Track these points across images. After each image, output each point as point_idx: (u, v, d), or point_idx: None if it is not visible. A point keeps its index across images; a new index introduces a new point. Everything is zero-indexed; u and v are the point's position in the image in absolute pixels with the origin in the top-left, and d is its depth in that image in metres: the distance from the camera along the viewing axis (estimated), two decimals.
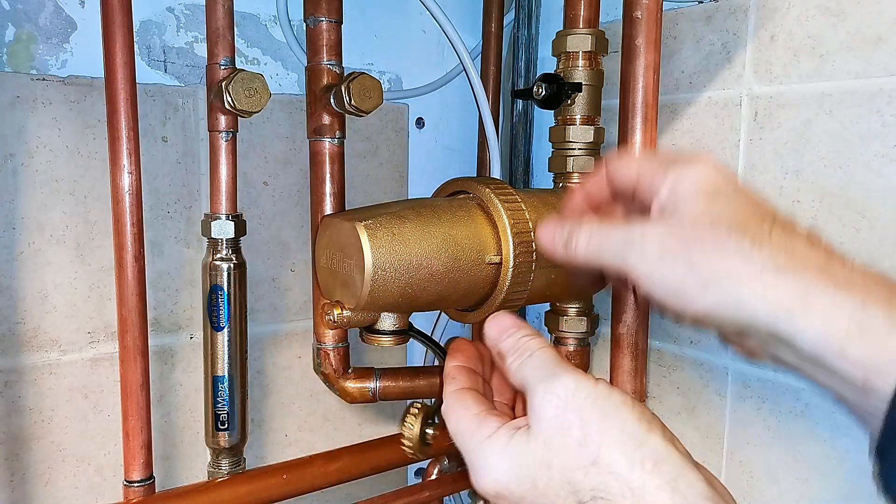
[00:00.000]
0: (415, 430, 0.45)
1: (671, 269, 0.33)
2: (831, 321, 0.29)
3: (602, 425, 0.32)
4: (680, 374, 0.58)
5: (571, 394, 0.33)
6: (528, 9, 0.65)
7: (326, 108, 0.52)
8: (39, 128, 0.49)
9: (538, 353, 0.36)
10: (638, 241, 0.34)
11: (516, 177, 0.68)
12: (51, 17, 0.50)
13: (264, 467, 0.54)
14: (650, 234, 0.34)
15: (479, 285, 0.47)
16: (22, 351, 0.50)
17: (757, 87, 0.53)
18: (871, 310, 0.29)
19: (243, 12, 0.57)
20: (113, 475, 0.54)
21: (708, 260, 0.32)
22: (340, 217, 0.45)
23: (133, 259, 0.47)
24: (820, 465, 0.49)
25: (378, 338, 0.46)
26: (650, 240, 0.33)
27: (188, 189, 0.55)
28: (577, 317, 0.59)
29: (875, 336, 0.29)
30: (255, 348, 0.60)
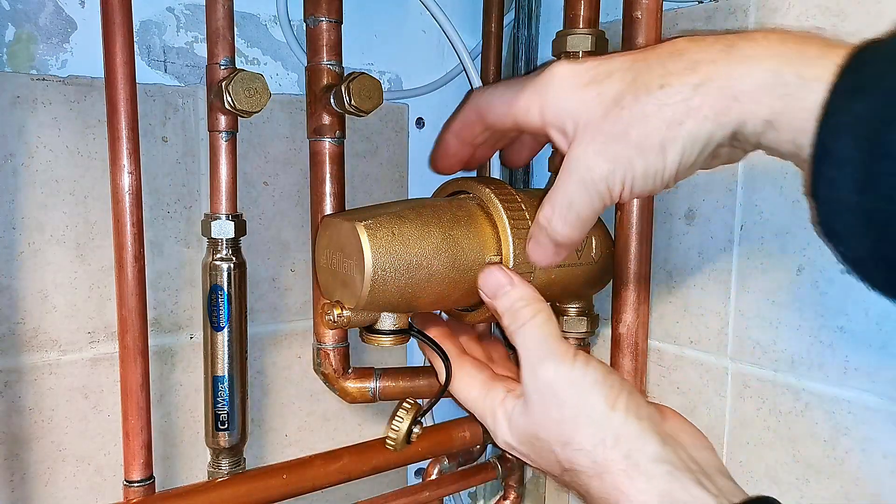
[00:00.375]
0: (403, 427, 0.46)
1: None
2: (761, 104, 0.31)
3: (574, 410, 0.37)
4: (680, 374, 0.58)
5: (552, 380, 0.38)
6: (528, 9, 0.65)
7: (326, 108, 0.52)
8: (39, 128, 0.49)
9: (528, 326, 0.40)
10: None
11: (516, 177, 0.68)
12: (51, 17, 0.50)
13: (264, 467, 0.55)
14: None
15: None
16: (22, 351, 0.50)
17: None
18: (785, 75, 0.30)
19: (243, 12, 0.57)
20: (113, 475, 0.55)
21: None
22: (340, 217, 0.45)
23: (133, 259, 0.47)
24: (820, 465, 0.49)
25: (378, 338, 0.46)
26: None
27: (188, 189, 0.55)
28: (577, 317, 0.59)
29: (793, 99, 0.30)
30: (255, 348, 0.60)
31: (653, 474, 0.35)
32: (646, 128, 0.33)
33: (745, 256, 0.52)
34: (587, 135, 0.35)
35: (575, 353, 0.39)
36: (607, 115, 0.34)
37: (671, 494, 0.34)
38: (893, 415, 0.45)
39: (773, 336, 0.51)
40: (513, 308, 0.41)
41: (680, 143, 0.33)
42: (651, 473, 0.35)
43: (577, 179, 0.36)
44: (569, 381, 0.38)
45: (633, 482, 0.35)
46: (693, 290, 0.56)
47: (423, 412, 0.47)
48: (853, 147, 0.27)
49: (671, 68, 0.33)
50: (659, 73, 0.33)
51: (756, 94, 0.31)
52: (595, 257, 0.53)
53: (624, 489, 0.35)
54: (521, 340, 0.40)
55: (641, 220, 0.54)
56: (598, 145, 0.35)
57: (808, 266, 0.48)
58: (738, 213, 0.53)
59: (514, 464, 0.69)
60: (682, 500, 0.34)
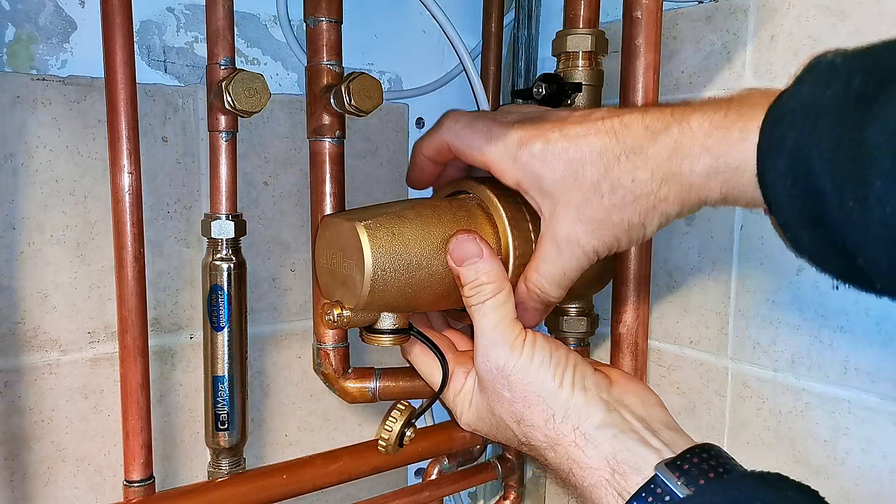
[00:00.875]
0: (395, 429, 0.46)
1: None
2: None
3: (523, 391, 0.41)
4: (680, 374, 0.58)
5: (502, 366, 0.41)
6: (528, 9, 0.65)
7: (326, 108, 0.52)
8: (39, 128, 0.49)
9: (486, 305, 0.42)
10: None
11: None
12: (51, 17, 0.50)
13: (264, 467, 0.55)
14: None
15: None
16: (22, 351, 0.50)
17: (757, 86, 0.53)
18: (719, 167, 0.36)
19: (243, 12, 0.57)
20: (113, 475, 0.55)
21: None
22: (340, 217, 0.45)
23: (133, 259, 0.47)
24: (820, 465, 0.49)
25: (378, 337, 0.46)
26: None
27: (188, 189, 0.55)
28: (577, 317, 0.59)
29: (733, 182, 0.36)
30: (255, 348, 0.60)
31: (599, 440, 0.38)
32: (626, 214, 0.39)
33: (745, 256, 0.52)
34: (570, 215, 0.40)
35: (524, 336, 0.42)
36: (588, 201, 0.40)
37: (615, 456, 0.37)
38: (893, 415, 0.45)
39: (773, 336, 0.51)
40: (477, 281, 0.43)
41: (657, 219, 0.39)
42: (597, 440, 0.38)
43: (568, 254, 0.41)
44: (518, 366, 0.41)
45: (582, 450, 0.38)
46: (693, 290, 0.56)
47: (418, 415, 0.47)
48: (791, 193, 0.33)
49: (636, 163, 0.39)
50: (627, 169, 0.39)
51: (706, 182, 0.37)
52: None
53: (575, 458, 0.38)
54: (477, 319, 0.43)
55: None
56: (585, 226, 0.40)
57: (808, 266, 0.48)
58: (738, 213, 0.53)
59: (514, 464, 0.69)
60: (627, 460, 0.37)
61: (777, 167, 0.33)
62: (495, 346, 0.42)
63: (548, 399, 0.40)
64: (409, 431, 0.47)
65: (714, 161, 0.36)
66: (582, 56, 0.56)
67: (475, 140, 0.44)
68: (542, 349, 0.41)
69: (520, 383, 0.41)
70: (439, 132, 0.47)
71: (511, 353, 0.41)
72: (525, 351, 0.41)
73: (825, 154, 0.31)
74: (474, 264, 0.43)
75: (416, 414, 0.47)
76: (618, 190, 0.39)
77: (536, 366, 0.41)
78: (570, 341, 0.59)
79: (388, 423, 0.47)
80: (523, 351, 0.41)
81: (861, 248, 0.31)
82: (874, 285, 0.33)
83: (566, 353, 0.42)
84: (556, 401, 0.40)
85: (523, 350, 0.41)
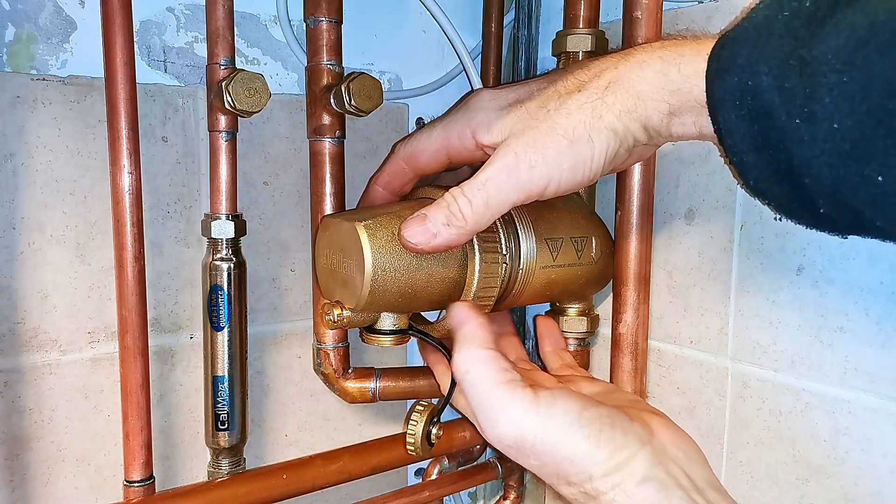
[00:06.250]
0: (418, 430, 0.45)
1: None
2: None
3: (554, 457, 0.36)
4: (680, 374, 0.58)
5: (519, 438, 0.36)
6: (528, 9, 0.65)
7: (326, 108, 0.52)
8: (39, 128, 0.49)
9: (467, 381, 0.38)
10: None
11: None
12: (51, 17, 0.50)
13: (264, 467, 0.55)
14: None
15: None
16: (22, 351, 0.50)
17: None
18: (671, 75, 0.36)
19: (243, 12, 0.57)
20: (113, 475, 0.55)
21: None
22: (340, 217, 0.45)
23: (133, 259, 0.47)
24: (820, 465, 0.49)
25: (378, 338, 0.46)
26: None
27: (188, 189, 0.55)
28: (578, 317, 0.59)
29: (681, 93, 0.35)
30: (255, 348, 0.60)
31: (640, 496, 0.35)
32: (571, 122, 0.37)
33: (745, 256, 0.52)
34: (518, 136, 0.39)
35: (535, 394, 0.37)
36: (534, 117, 0.39)
37: None
38: (893, 415, 0.45)
39: (773, 336, 0.51)
40: (456, 352, 0.39)
41: (604, 134, 0.37)
42: (639, 497, 0.35)
43: (504, 168, 0.38)
44: (539, 434, 0.36)
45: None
46: (693, 290, 0.56)
47: (438, 412, 0.47)
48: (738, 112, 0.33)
49: (582, 77, 0.38)
50: (573, 83, 0.39)
51: (653, 92, 0.36)
52: (595, 257, 0.53)
53: None
54: (469, 398, 0.38)
55: (641, 220, 0.54)
56: (528, 139, 0.38)
57: (808, 266, 0.48)
58: (738, 213, 0.53)
59: (514, 464, 0.69)
60: None
61: (727, 84, 0.33)
62: (500, 416, 0.36)
63: (582, 463, 0.36)
64: (435, 430, 0.46)
65: (665, 67, 0.35)
66: (582, 56, 0.56)
67: (432, 133, 0.45)
68: (568, 409, 0.37)
69: (548, 452, 0.36)
70: (393, 156, 0.48)
71: (524, 416, 0.36)
72: (543, 412, 0.36)
73: (774, 70, 0.31)
74: (458, 330, 0.40)
75: (436, 412, 0.47)
76: (563, 100, 0.38)
77: (565, 427, 0.36)
78: (570, 341, 0.59)
79: (411, 426, 0.45)
80: (539, 412, 0.36)
81: (807, 164, 0.31)
82: (817, 209, 0.32)
83: (597, 407, 0.38)
84: (593, 463, 0.36)
85: (539, 411, 0.36)
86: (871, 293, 0.45)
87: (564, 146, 0.37)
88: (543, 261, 0.49)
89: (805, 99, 0.30)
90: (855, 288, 0.46)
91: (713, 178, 0.54)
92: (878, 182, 0.29)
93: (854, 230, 0.33)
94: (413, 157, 0.47)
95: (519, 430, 0.36)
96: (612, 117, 0.37)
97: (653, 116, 0.36)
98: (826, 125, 0.29)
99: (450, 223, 0.40)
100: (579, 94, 0.37)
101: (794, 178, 0.32)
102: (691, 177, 0.56)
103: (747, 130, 0.33)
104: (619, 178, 0.55)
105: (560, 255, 0.51)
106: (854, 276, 0.46)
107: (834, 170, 0.30)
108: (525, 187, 0.38)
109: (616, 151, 0.38)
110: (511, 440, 0.36)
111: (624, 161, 0.40)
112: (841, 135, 0.29)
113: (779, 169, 0.32)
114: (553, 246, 0.50)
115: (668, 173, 0.57)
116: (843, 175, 0.30)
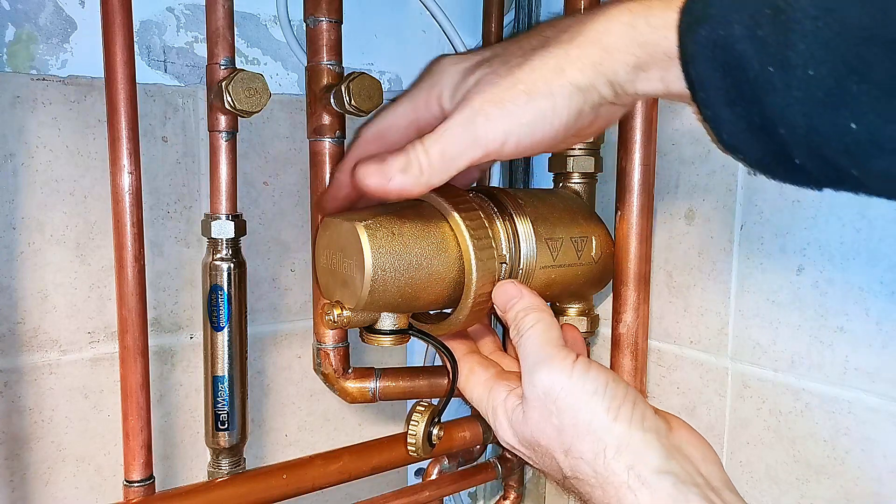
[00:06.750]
0: (419, 430, 0.45)
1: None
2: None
3: (574, 418, 0.37)
4: (680, 374, 0.58)
5: (549, 388, 0.38)
6: (528, 9, 0.65)
7: (326, 108, 0.52)
8: (39, 128, 0.49)
9: (528, 334, 0.41)
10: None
11: (516, 177, 0.68)
12: (51, 17, 0.50)
13: (264, 467, 0.55)
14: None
15: None
16: (22, 351, 0.50)
17: None
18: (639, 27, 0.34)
19: (243, 12, 0.57)
20: (113, 475, 0.55)
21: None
22: (340, 217, 0.45)
23: (133, 259, 0.47)
24: (820, 465, 0.49)
25: (378, 338, 0.46)
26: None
27: (188, 189, 0.55)
28: (577, 317, 0.59)
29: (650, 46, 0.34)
30: (255, 348, 0.60)
31: (657, 487, 0.34)
32: (533, 77, 0.36)
33: (745, 256, 0.52)
34: (479, 92, 0.37)
35: (575, 359, 0.39)
36: (497, 73, 0.37)
37: None
38: (893, 415, 0.45)
39: (773, 336, 0.51)
40: (516, 319, 0.42)
41: (566, 89, 0.35)
42: (655, 486, 0.34)
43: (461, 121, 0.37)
44: (567, 390, 0.38)
45: (637, 495, 0.35)
46: (693, 290, 0.56)
47: (439, 412, 0.47)
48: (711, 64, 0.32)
49: (547, 33, 0.37)
50: (538, 39, 0.37)
51: (620, 45, 0.34)
52: (595, 257, 0.53)
53: (627, 502, 0.35)
54: (521, 351, 0.41)
55: (641, 220, 0.54)
56: (488, 94, 0.37)
57: (808, 266, 0.48)
58: (738, 213, 0.53)
59: (514, 464, 0.69)
60: None
61: (699, 37, 0.32)
62: (539, 367, 0.39)
63: (599, 431, 0.36)
64: (437, 430, 0.46)
65: (633, 19, 0.34)
66: None
67: (398, 108, 0.44)
68: (597, 377, 0.38)
69: (569, 410, 0.37)
70: (359, 139, 0.46)
71: (558, 373, 0.38)
72: (576, 375, 0.38)
73: (746, 20, 0.30)
74: (514, 305, 0.43)
75: (437, 412, 0.47)
76: (527, 56, 0.37)
77: (589, 393, 0.37)
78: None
79: (412, 427, 0.46)
80: (573, 374, 0.38)
81: (780, 114, 0.30)
82: (792, 161, 0.32)
83: (625, 388, 0.38)
84: (610, 434, 0.36)
85: (573, 373, 0.38)
86: (871, 293, 0.45)
87: (523, 101, 0.36)
88: (543, 261, 0.49)
89: (778, 47, 0.29)
90: (855, 288, 0.46)
91: (713, 178, 0.54)
92: (852, 130, 0.28)
93: (830, 183, 0.32)
94: (382, 136, 0.45)
95: (551, 381, 0.38)
96: (575, 71, 0.35)
97: (619, 70, 0.35)
98: (800, 72, 0.29)
99: (405, 170, 0.38)
100: (543, 49, 0.36)
101: (767, 129, 0.31)
102: (691, 177, 0.56)
103: (720, 84, 0.32)
104: (619, 178, 0.55)
105: (560, 255, 0.51)
106: (854, 276, 0.46)
107: (808, 118, 0.29)
108: (481, 142, 0.37)
109: (580, 109, 0.36)
110: (543, 389, 0.38)
111: (591, 123, 0.38)
112: (815, 82, 0.28)
113: (752, 122, 0.32)
114: (553, 246, 0.50)
115: (668, 173, 0.57)
116: (816, 124, 0.29)
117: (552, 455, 0.39)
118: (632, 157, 0.53)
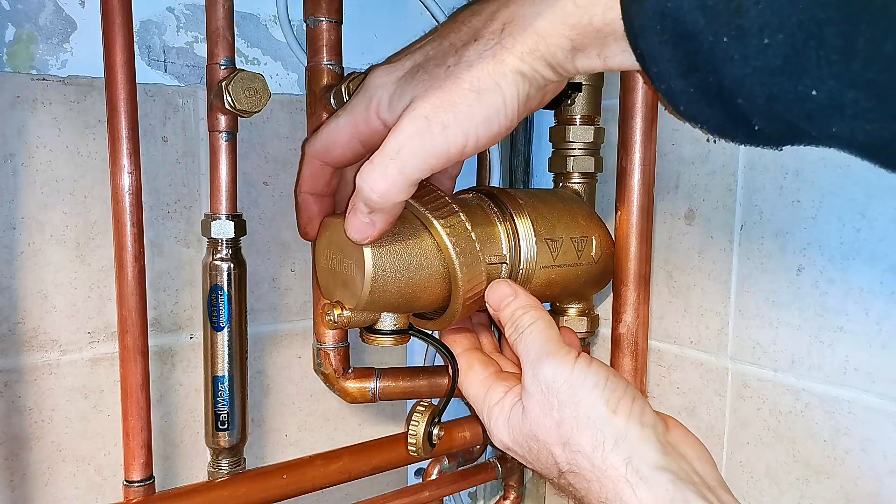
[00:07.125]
0: (420, 430, 0.45)
1: None
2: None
3: (574, 410, 0.38)
4: (680, 374, 0.58)
5: (552, 381, 0.39)
6: None
7: (326, 108, 0.52)
8: (39, 128, 0.49)
9: (529, 330, 0.41)
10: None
11: (516, 177, 0.68)
12: (51, 17, 0.50)
13: (264, 467, 0.55)
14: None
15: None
16: (22, 351, 0.50)
17: None
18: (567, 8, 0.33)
19: (243, 12, 0.57)
20: (113, 475, 0.55)
21: None
22: (340, 217, 0.45)
23: (133, 259, 0.47)
24: (820, 465, 0.49)
25: (378, 338, 0.46)
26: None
27: (188, 189, 0.55)
28: (578, 317, 0.59)
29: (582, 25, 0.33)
30: (255, 348, 0.60)
31: (655, 483, 0.35)
32: (474, 73, 0.35)
33: (745, 256, 0.52)
34: (423, 99, 0.36)
35: (576, 355, 0.40)
36: (435, 77, 0.36)
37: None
38: (893, 415, 0.45)
39: (773, 336, 0.51)
40: (513, 317, 0.42)
41: (510, 78, 0.35)
42: (653, 482, 0.35)
43: (415, 133, 0.36)
44: (568, 383, 0.38)
45: (635, 490, 0.35)
46: (693, 290, 0.56)
47: (439, 412, 0.47)
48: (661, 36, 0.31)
49: (475, 24, 0.36)
50: (467, 32, 0.36)
51: (551, 28, 0.34)
52: (595, 257, 0.53)
53: (625, 497, 0.35)
54: (522, 347, 0.41)
55: (641, 220, 0.54)
56: (434, 100, 0.36)
57: (808, 266, 0.48)
58: (738, 213, 0.53)
59: (514, 464, 0.69)
60: None
61: (645, 10, 0.31)
62: (542, 362, 0.39)
63: (599, 422, 0.37)
64: (437, 430, 0.46)
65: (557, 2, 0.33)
66: None
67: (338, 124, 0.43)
68: (597, 372, 0.39)
69: (570, 402, 0.38)
70: (304, 158, 0.46)
71: (560, 367, 0.39)
72: (577, 369, 0.39)
73: None
74: (509, 304, 0.43)
75: (437, 412, 0.47)
76: (461, 54, 0.36)
77: (589, 386, 0.38)
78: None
79: (412, 427, 0.46)
80: (574, 368, 0.39)
81: (738, 85, 0.29)
82: (751, 126, 0.31)
83: (625, 383, 0.39)
84: (609, 427, 0.37)
85: (574, 367, 0.39)
86: (871, 293, 0.45)
87: (473, 99, 0.35)
88: (544, 261, 0.49)
89: (730, 15, 0.28)
90: (855, 288, 0.46)
91: (713, 178, 0.54)
92: (813, 97, 0.28)
93: (788, 141, 0.32)
94: (326, 153, 0.45)
95: (554, 374, 0.39)
96: (514, 60, 0.35)
97: (557, 53, 0.34)
98: (755, 41, 0.28)
99: (373, 209, 0.38)
100: (476, 42, 0.36)
101: (725, 98, 0.31)
102: (691, 177, 0.56)
103: (672, 56, 0.31)
104: (619, 178, 0.55)
105: (560, 256, 0.51)
106: (854, 276, 0.46)
107: (767, 88, 0.29)
108: (442, 152, 0.36)
109: (528, 93, 0.36)
110: (546, 382, 0.39)
111: (540, 102, 0.38)
112: (772, 50, 0.28)
113: (708, 92, 0.31)
114: (553, 246, 0.50)
115: (668, 173, 0.57)
116: (776, 93, 0.29)
117: (549, 449, 0.39)
118: (632, 157, 0.53)
